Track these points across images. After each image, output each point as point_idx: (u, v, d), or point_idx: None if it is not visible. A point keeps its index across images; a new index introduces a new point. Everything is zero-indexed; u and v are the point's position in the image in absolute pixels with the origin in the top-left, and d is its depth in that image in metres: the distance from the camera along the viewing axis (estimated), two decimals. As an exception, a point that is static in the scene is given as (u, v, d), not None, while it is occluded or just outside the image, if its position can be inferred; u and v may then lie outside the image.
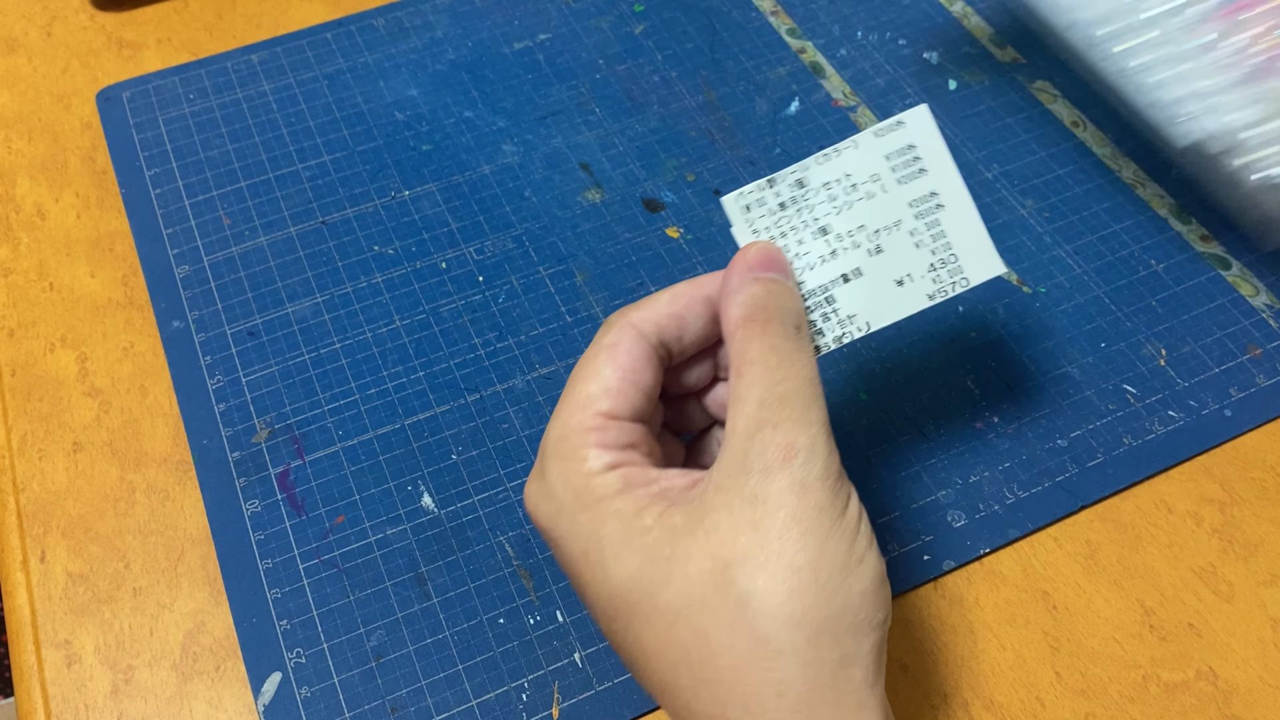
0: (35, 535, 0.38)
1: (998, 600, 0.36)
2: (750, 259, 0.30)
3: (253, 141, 0.49)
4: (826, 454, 0.27)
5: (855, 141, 0.31)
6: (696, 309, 0.30)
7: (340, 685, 0.34)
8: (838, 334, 0.31)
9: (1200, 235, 0.46)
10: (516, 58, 0.52)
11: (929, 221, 0.31)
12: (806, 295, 0.31)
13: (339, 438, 0.40)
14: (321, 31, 0.53)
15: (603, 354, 0.29)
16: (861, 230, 0.31)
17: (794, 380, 0.27)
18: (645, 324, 0.29)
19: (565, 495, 0.27)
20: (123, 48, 0.53)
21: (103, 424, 0.40)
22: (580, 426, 0.28)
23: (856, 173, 0.31)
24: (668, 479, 0.28)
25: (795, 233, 0.31)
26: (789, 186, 0.32)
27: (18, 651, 0.36)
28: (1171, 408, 0.41)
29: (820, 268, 0.31)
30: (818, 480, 0.26)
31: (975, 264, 0.31)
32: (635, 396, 0.29)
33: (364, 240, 0.45)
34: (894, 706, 0.34)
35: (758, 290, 0.29)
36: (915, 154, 0.31)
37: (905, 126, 0.31)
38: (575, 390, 0.29)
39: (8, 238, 0.46)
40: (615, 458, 0.28)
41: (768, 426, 0.27)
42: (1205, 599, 0.36)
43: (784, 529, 0.26)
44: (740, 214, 0.32)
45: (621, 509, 0.27)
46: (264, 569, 0.37)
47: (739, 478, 0.26)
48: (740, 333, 0.28)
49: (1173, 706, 0.34)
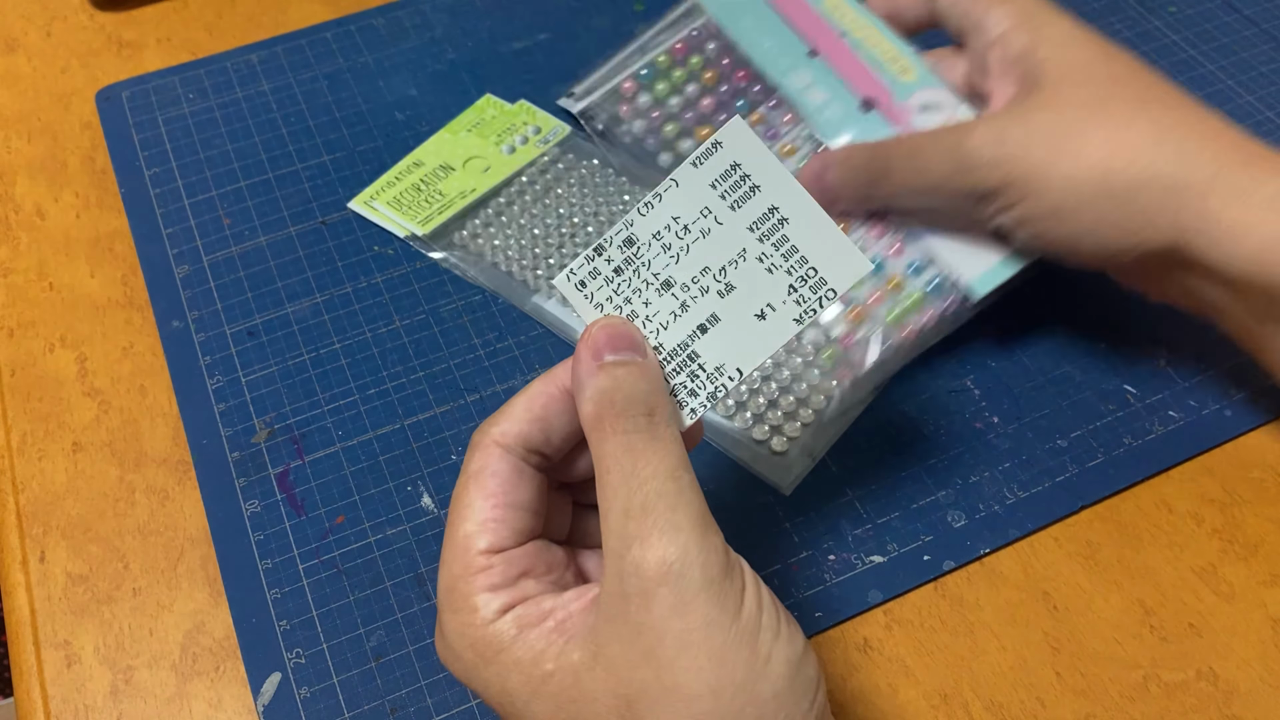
0: (35, 535, 0.38)
1: (998, 600, 0.36)
2: (594, 341, 0.28)
3: (252, 141, 0.49)
4: (703, 557, 0.25)
5: (674, 179, 0.29)
6: (556, 406, 0.28)
7: (340, 685, 0.34)
8: (710, 390, 0.29)
9: (1200, 235, 0.46)
10: (516, 58, 0.52)
11: (776, 240, 0.28)
12: (667, 358, 0.29)
13: (339, 438, 0.40)
14: (321, 31, 0.53)
15: (471, 484, 0.28)
16: (706, 273, 0.29)
17: (654, 479, 0.26)
18: (507, 438, 0.28)
19: (466, 652, 0.27)
20: (122, 48, 0.53)
21: (102, 424, 0.40)
22: (465, 572, 0.27)
23: (684, 213, 0.29)
24: (563, 607, 0.27)
25: (639, 295, 0.29)
26: (618, 249, 0.29)
27: (17, 651, 0.36)
28: (1172, 408, 0.41)
29: (674, 325, 0.29)
30: (698, 592, 0.25)
31: (837, 269, 0.28)
32: (515, 519, 0.28)
33: (364, 240, 0.45)
34: (894, 706, 0.34)
35: (603, 382, 0.27)
36: (743, 172, 0.28)
37: (724, 147, 0.29)
38: (454, 530, 0.28)
39: (7, 238, 0.46)
40: (506, 598, 0.27)
41: (635, 543, 0.25)
42: (1205, 599, 0.36)
43: (675, 657, 0.24)
44: (576, 293, 0.30)
45: (521, 658, 0.26)
46: (264, 569, 0.37)
47: (620, 605, 0.25)
48: (594, 434, 0.27)
49: (1173, 707, 0.34)
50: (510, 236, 0.45)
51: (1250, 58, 0.52)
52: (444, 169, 0.47)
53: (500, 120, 0.49)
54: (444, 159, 0.47)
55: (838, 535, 0.37)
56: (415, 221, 0.45)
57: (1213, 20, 0.53)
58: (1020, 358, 0.42)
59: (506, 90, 0.50)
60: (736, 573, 0.26)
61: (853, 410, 0.40)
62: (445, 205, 0.45)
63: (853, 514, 0.38)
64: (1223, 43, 0.52)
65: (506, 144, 0.48)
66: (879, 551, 0.37)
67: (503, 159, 0.47)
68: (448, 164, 0.47)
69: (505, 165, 0.47)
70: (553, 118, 0.49)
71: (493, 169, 0.47)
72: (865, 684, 0.35)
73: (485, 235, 0.45)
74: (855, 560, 0.37)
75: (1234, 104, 0.50)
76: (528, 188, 0.46)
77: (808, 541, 0.37)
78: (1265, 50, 0.52)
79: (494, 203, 0.46)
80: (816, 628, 0.36)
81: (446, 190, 0.46)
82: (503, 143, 0.48)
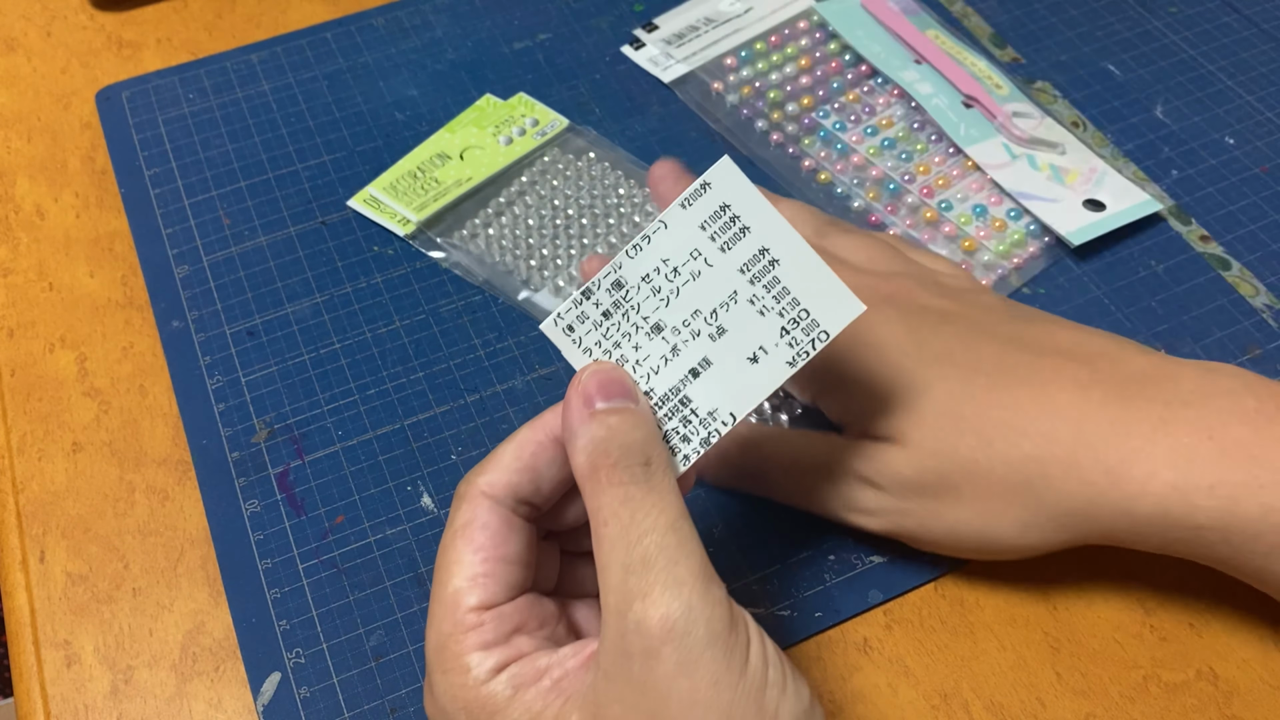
0: (35, 535, 0.38)
1: (998, 600, 0.36)
2: (584, 389, 0.27)
3: (252, 141, 0.49)
4: (707, 612, 0.24)
5: (663, 221, 0.28)
6: (546, 455, 0.28)
7: (340, 685, 0.34)
8: (703, 436, 0.28)
9: (1200, 235, 0.46)
10: (516, 58, 0.52)
11: (767, 283, 0.28)
12: (659, 403, 0.28)
13: (339, 438, 0.40)
14: (321, 31, 0.53)
15: (459, 537, 0.27)
16: (697, 316, 0.28)
17: (654, 532, 0.25)
18: (495, 488, 0.27)
19: (458, 714, 0.26)
20: (122, 48, 0.53)
21: (102, 424, 0.40)
22: (456, 630, 0.26)
23: (674, 255, 0.28)
24: (560, 665, 0.26)
25: (629, 339, 0.29)
26: (606, 293, 0.29)
27: (17, 651, 0.36)
28: (1171, 408, 0.41)
29: (665, 369, 0.28)
30: (704, 650, 0.24)
31: (830, 312, 0.28)
32: (506, 573, 0.27)
33: (364, 240, 0.45)
34: (894, 706, 0.34)
35: (597, 432, 0.26)
36: (732, 213, 0.28)
37: (713, 188, 0.28)
38: (442, 587, 0.27)
39: (7, 238, 0.46)
40: (500, 657, 0.26)
41: (637, 599, 0.24)
42: (1205, 599, 0.36)
43: (680, 717, 0.24)
44: (564, 337, 0.29)
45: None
46: (264, 569, 0.37)
47: (622, 664, 0.24)
48: (589, 486, 0.26)
49: (1173, 707, 0.34)
50: (505, 228, 0.45)
51: (1250, 58, 0.52)
52: (441, 157, 0.47)
53: (498, 113, 0.49)
54: (441, 150, 0.48)
55: (838, 535, 0.37)
56: (411, 208, 0.45)
57: (1213, 20, 0.53)
58: (1020, 358, 0.42)
59: (506, 90, 0.50)
60: (741, 626, 0.25)
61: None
62: (441, 193, 0.46)
63: (853, 514, 0.38)
64: (1223, 43, 0.52)
65: (504, 135, 0.48)
66: (879, 551, 0.37)
67: (500, 150, 0.47)
68: (445, 153, 0.47)
69: (502, 156, 0.47)
70: (550, 110, 0.49)
71: (490, 160, 0.47)
72: (865, 684, 0.35)
73: (483, 233, 0.45)
74: (855, 560, 0.37)
75: (1234, 104, 0.50)
76: (529, 188, 0.46)
77: (808, 541, 0.37)
78: (1265, 50, 0.52)
79: (494, 202, 0.46)
80: (816, 628, 0.36)
81: (443, 178, 0.46)
82: (500, 134, 0.48)
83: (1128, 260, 0.45)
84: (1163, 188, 0.47)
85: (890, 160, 0.47)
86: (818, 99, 0.50)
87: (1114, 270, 0.44)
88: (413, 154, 0.48)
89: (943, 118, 0.48)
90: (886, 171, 0.47)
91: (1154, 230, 0.46)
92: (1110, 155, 0.48)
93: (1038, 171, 0.46)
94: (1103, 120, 0.49)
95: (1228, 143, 0.49)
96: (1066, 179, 0.46)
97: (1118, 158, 0.48)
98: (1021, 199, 0.45)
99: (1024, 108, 0.48)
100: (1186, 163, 0.48)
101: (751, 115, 0.49)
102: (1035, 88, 0.51)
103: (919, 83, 0.49)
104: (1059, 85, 0.51)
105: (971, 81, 0.49)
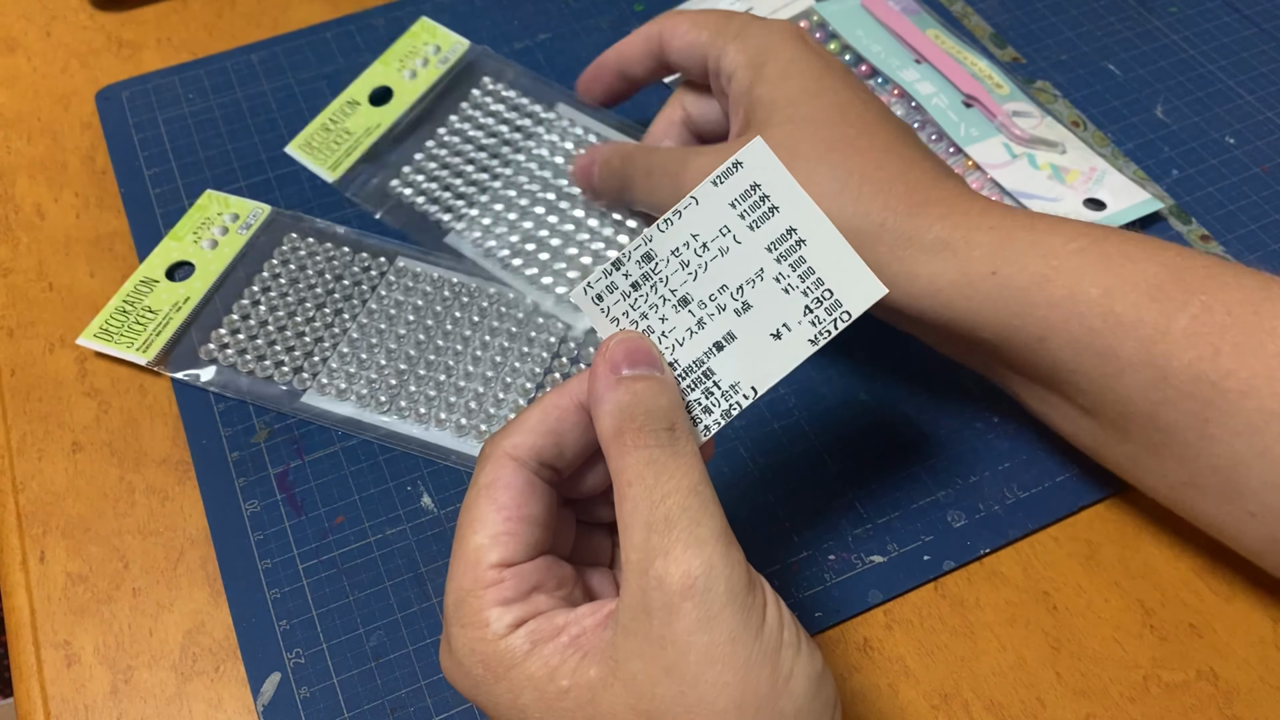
0: (35, 535, 0.38)
1: (998, 600, 0.36)
2: (611, 356, 0.28)
3: (252, 141, 0.49)
4: (727, 571, 0.25)
5: (694, 197, 0.29)
6: (570, 420, 0.28)
7: (340, 685, 0.34)
8: (724, 408, 0.29)
9: (1200, 235, 0.46)
10: (516, 58, 0.52)
11: (793, 262, 0.29)
12: (683, 374, 0.29)
13: (339, 437, 0.40)
14: (321, 31, 0.53)
15: (482, 496, 0.28)
16: (724, 291, 0.29)
17: (677, 494, 0.26)
18: (520, 450, 0.28)
19: (475, 667, 0.26)
20: (122, 48, 0.53)
21: (102, 424, 0.40)
22: (476, 586, 0.27)
23: (704, 230, 0.29)
24: (577, 622, 0.26)
25: (655, 310, 0.29)
26: (636, 264, 0.29)
27: (17, 651, 0.36)
28: (1172, 408, 0.41)
29: (690, 342, 0.29)
30: (723, 607, 0.25)
31: (853, 293, 0.28)
32: (527, 533, 0.27)
33: (364, 240, 0.45)
34: (894, 706, 0.34)
35: (623, 397, 0.27)
36: (762, 193, 0.29)
37: (745, 167, 0.29)
38: (463, 543, 0.27)
39: (7, 238, 0.46)
40: (518, 613, 0.26)
41: (659, 557, 0.25)
42: (1205, 599, 0.36)
43: (699, 672, 0.24)
44: (592, 305, 0.30)
45: (534, 674, 0.26)
46: (263, 569, 0.37)
47: (642, 619, 0.25)
48: (614, 448, 0.27)
49: (1173, 707, 0.34)
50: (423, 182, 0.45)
51: (1250, 58, 0.52)
52: (350, 105, 0.45)
53: (404, 43, 0.47)
54: (351, 95, 0.47)
55: (838, 535, 0.37)
56: (325, 167, 0.44)
57: (1213, 20, 0.53)
58: (1020, 358, 0.42)
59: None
60: (758, 588, 0.26)
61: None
62: (353, 146, 0.44)
63: (853, 514, 0.38)
64: (1223, 43, 0.52)
65: (408, 69, 0.46)
66: (879, 551, 0.37)
67: (405, 85, 0.45)
68: (354, 99, 0.45)
69: (408, 92, 0.45)
70: (452, 34, 0.49)
71: (395, 99, 0.45)
72: (865, 684, 0.35)
73: (413, 184, 0.45)
74: (855, 560, 0.37)
75: (1234, 104, 0.50)
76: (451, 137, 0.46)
77: (808, 541, 0.37)
78: (1265, 50, 0.52)
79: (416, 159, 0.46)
80: (816, 628, 0.36)
81: (353, 128, 0.45)
82: (404, 68, 0.46)
83: (1128, 260, 0.45)
84: (1163, 187, 0.47)
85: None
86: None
87: (1114, 270, 0.44)
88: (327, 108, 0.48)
89: (943, 118, 0.48)
90: None
91: (1154, 230, 0.46)
92: (1111, 154, 0.48)
93: (1038, 171, 0.46)
94: (1103, 120, 0.49)
95: (1228, 142, 0.49)
96: (1067, 178, 0.46)
97: (1118, 157, 0.48)
98: (1022, 198, 0.45)
99: (1024, 107, 0.49)
100: (1187, 162, 0.48)
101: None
102: (1035, 87, 0.51)
103: (919, 82, 0.49)
104: (1059, 85, 0.51)
105: (972, 81, 0.49)
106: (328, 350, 0.41)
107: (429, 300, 0.42)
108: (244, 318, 0.42)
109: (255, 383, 0.41)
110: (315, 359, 0.41)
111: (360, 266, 0.44)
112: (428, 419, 0.39)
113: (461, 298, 0.42)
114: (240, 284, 0.43)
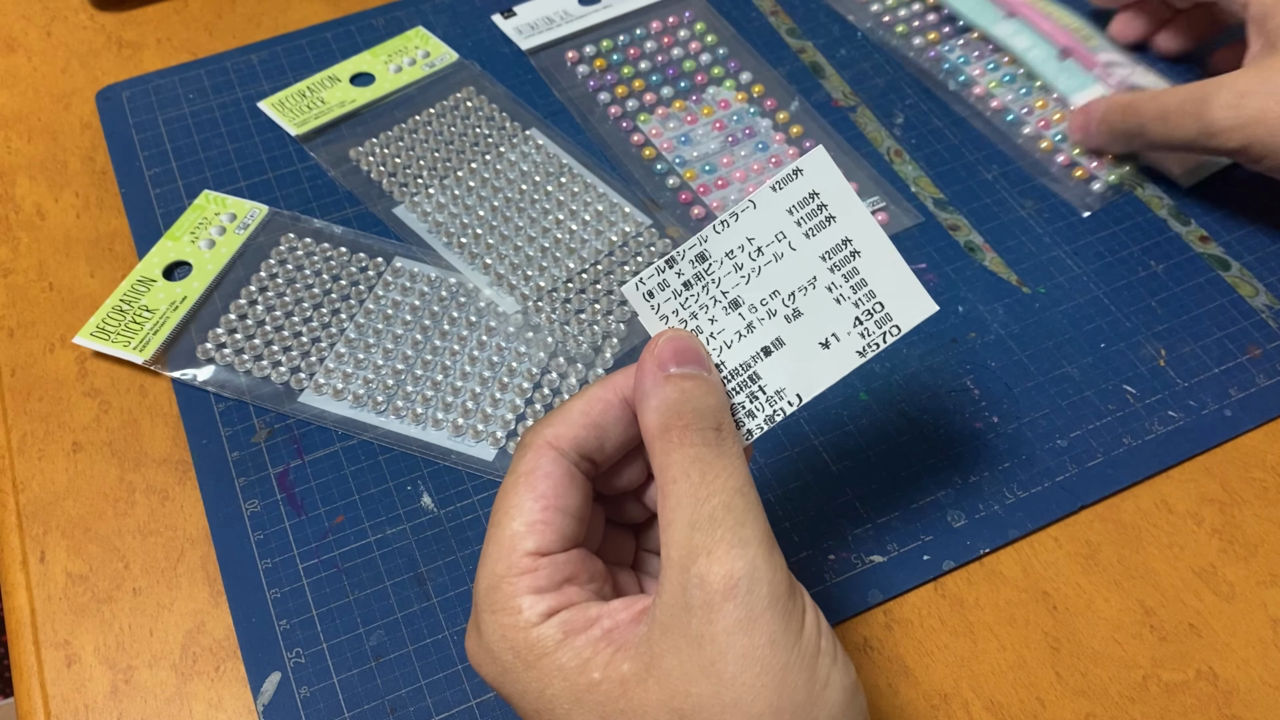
0: (35, 535, 0.38)
1: (998, 600, 0.36)
2: (660, 353, 0.28)
3: (252, 141, 0.49)
4: (770, 574, 0.25)
5: (753, 201, 0.29)
6: (614, 413, 0.28)
7: (340, 685, 0.34)
8: (768, 413, 0.29)
9: (1199, 236, 0.46)
10: (516, 57, 0.52)
11: (846, 272, 0.29)
12: (729, 377, 0.29)
13: (339, 437, 0.40)
14: (321, 31, 0.53)
15: (521, 483, 0.27)
16: (775, 296, 0.29)
17: (722, 494, 0.26)
18: (562, 441, 0.28)
19: (505, 654, 0.26)
20: (122, 48, 0.53)
21: (102, 424, 0.40)
22: (510, 573, 0.26)
23: (759, 235, 0.29)
24: (610, 615, 0.26)
25: (705, 311, 0.29)
26: (690, 263, 0.29)
27: (17, 651, 0.36)
28: (1171, 408, 0.41)
29: (738, 345, 0.29)
30: (765, 609, 0.24)
31: (904, 308, 0.28)
32: (563, 524, 0.27)
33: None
34: (894, 706, 0.34)
35: (671, 394, 0.27)
36: (820, 201, 0.29)
37: (804, 174, 0.29)
38: (499, 529, 0.27)
39: (8, 238, 0.46)
40: (551, 602, 0.26)
41: (702, 555, 0.25)
42: (1205, 599, 0.36)
43: (737, 673, 0.24)
44: (643, 302, 0.30)
45: (565, 664, 0.25)
46: (264, 569, 0.37)
47: (681, 617, 0.25)
48: (659, 445, 0.27)
49: (1173, 707, 0.34)
50: (386, 154, 0.47)
51: (1250, 58, 0.52)
52: (332, 79, 0.49)
53: (396, 42, 0.51)
54: (334, 73, 0.50)
55: (838, 535, 0.37)
56: (292, 124, 0.47)
57: (1212, 20, 0.53)
58: (1020, 358, 0.42)
59: (507, 90, 0.50)
60: (799, 595, 0.26)
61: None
62: (323, 111, 0.48)
63: (853, 514, 0.38)
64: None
65: (394, 64, 0.50)
66: (879, 551, 0.37)
67: (388, 76, 0.49)
68: (335, 76, 0.49)
69: (388, 83, 0.49)
70: (444, 45, 0.51)
71: (375, 85, 0.49)
72: (865, 684, 0.35)
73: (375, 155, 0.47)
74: (855, 560, 0.37)
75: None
76: (421, 126, 0.48)
77: (808, 541, 0.37)
78: (1265, 50, 0.52)
79: (384, 136, 0.48)
80: (816, 628, 0.36)
81: (329, 100, 0.48)
82: (391, 63, 0.50)
83: (1128, 260, 0.45)
84: (1162, 188, 0.47)
85: (1010, 94, 0.51)
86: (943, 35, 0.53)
87: (1114, 270, 0.44)
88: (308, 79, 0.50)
89: (1044, 69, 0.50)
90: (1006, 104, 0.50)
91: (1154, 231, 0.46)
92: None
93: None
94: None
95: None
96: None
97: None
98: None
99: (1116, 57, 0.51)
100: (1186, 163, 0.48)
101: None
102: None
103: (1014, 36, 0.52)
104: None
105: (1065, 33, 0.51)
106: (325, 350, 0.41)
107: (425, 300, 0.42)
108: (241, 317, 0.42)
109: (252, 382, 0.40)
110: (312, 358, 0.41)
111: (357, 266, 0.44)
112: (424, 419, 0.39)
113: (458, 298, 0.42)
114: (238, 283, 0.43)
